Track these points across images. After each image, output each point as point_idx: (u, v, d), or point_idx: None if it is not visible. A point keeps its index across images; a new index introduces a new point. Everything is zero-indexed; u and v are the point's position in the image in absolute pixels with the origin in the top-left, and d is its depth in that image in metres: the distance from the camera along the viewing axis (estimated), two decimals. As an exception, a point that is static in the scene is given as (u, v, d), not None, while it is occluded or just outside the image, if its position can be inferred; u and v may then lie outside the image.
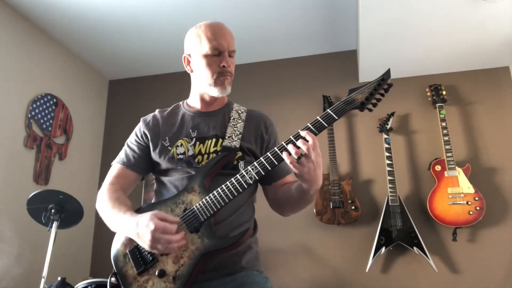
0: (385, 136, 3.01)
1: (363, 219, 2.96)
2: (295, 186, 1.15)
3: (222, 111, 1.35)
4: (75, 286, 2.15)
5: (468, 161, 2.93)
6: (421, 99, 3.21)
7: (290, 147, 1.03)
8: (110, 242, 1.25)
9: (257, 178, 1.08)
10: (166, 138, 1.29)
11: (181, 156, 1.25)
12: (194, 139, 1.27)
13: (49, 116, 3.18)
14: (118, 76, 3.99)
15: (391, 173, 2.88)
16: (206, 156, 1.24)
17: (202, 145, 1.26)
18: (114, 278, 1.18)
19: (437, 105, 3.00)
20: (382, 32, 2.69)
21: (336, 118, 1.07)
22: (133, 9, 2.93)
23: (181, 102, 1.43)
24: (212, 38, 1.23)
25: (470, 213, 2.68)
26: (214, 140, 1.26)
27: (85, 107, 3.65)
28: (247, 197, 1.27)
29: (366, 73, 3.22)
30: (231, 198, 1.09)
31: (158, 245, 1.03)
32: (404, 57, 3.02)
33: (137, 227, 1.07)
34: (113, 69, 3.84)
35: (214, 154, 1.23)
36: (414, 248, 2.69)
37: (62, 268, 2.91)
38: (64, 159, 3.30)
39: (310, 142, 1.02)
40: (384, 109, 3.12)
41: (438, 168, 2.86)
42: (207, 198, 1.11)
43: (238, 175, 1.10)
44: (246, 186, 1.09)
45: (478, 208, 2.68)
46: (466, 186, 2.74)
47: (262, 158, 1.09)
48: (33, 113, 3.02)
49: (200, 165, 1.23)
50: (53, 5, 2.87)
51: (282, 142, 1.07)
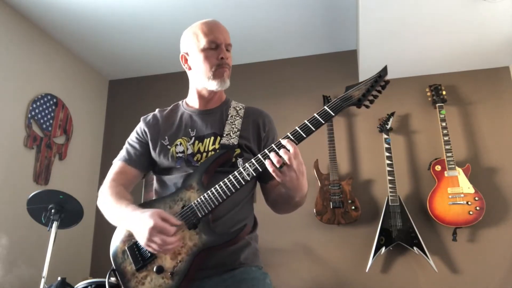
0: (385, 136, 3.01)
1: (363, 219, 2.96)
2: (284, 190, 1.16)
3: (220, 109, 1.36)
4: (75, 286, 2.15)
5: (468, 161, 2.93)
6: (421, 99, 3.21)
7: (272, 155, 1.03)
8: (110, 242, 1.25)
9: (254, 175, 1.08)
10: (166, 137, 1.31)
11: (180, 154, 1.26)
12: (193, 138, 1.28)
13: (49, 116, 3.18)
14: (118, 76, 3.99)
15: (391, 173, 2.88)
16: (205, 154, 1.25)
17: (201, 143, 1.27)
18: (113, 277, 1.19)
19: (437, 105, 3.00)
20: (382, 32, 2.69)
21: (332, 114, 1.08)
22: (133, 9, 2.93)
23: (180, 102, 1.44)
24: (208, 33, 1.26)
25: (470, 213, 2.68)
26: (212, 138, 1.27)
27: (85, 107, 3.65)
28: (246, 194, 1.27)
29: (366, 73, 3.21)
30: (229, 194, 1.10)
31: (153, 244, 1.03)
32: (404, 57, 3.02)
33: (138, 221, 1.07)
34: (113, 69, 3.84)
35: (213, 152, 1.24)
36: (414, 248, 2.69)
37: (62, 268, 2.91)
38: (64, 159, 3.30)
39: (291, 151, 1.02)
40: (384, 109, 3.12)
41: (438, 168, 2.86)
42: (205, 195, 1.12)
43: (236, 172, 1.10)
44: (244, 183, 1.09)
45: (478, 208, 2.68)
46: (466, 186, 2.74)
47: (260, 155, 1.09)
48: (33, 113, 3.02)
49: (199, 163, 1.24)
50: (53, 5, 2.87)
51: (265, 150, 1.08)
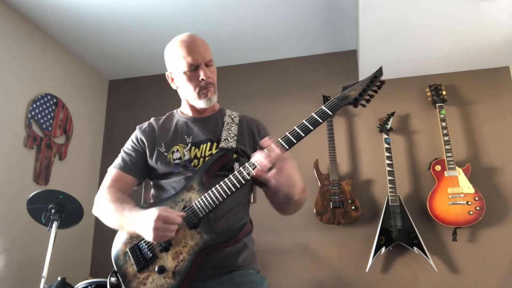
0: (385, 136, 3.01)
1: (363, 219, 2.96)
2: (282, 192, 1.16)
3: (215, 117, 1.38)
4: (75, 286, 2.15)
5: (468, 161, 2.93)
6: (421, 99, 3.21)
7: (258, 162, 1.05)
8: (110, 242, 1.25)
9: (254, 174, 1.09)
10: (162, 145, 1.32)
11: (177, 161, 1.28)
12: (189, 144, 1.30)
13: (49, 116, 3.18)
14: (118, 76, 3.99)
15: (391, 173, 2.88)
16: (202, 159, 1.26)
17: (197, 149, 1.29)
18: (114, 278, 1.19)
19: (437, 105, 3.00)
20: (382, 32, 2.69)
21: (330, 113, 1.10)
22: (133, 9, 2.93)
23: (174, 110, 1.46)
24: (186, 55, 1.25)
25: (470, 213, 2.68)
26: (209, 144, 1.29)
27: (85, 107, 3.65)
28: (242, 197, 1.29)
29: (366, 73, 3.20)
30: (229, 194, 1.11)
31: (158, 231, 1.05)
32: (404, 57, 3.02)
33: (142, 217, 1.09)
34: (113, 69, 3.84)
35: (210, 157, 1.25)
36: (414, 248, 2.69)
37: (62, 268, 2.91)
38: (64, 159, 3.30)
39: (274, 155, 1.04)
40: (384, 109, 3.12)
41: (438, 168, 2.86)
42: (206, 195, 1.13)
43: (236, 172, 1.12)
44: (243, 182, 1.10)
45: (478, 208, 2.68)
46: (466, 186, 2.74)
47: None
48: (33, 113, 3.02)
49: (196, 168, 1.25)
50: (53, 5, 2.87)
51: (251, 160, 1.09)
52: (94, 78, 3.84)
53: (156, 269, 1.12)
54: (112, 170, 1.34)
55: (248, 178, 1.10)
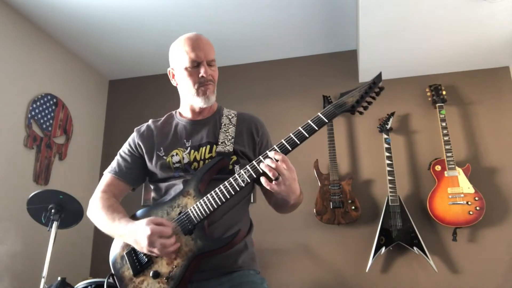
0: (385, 136, 3.01)
1: (363, 219, 2.96)
2: (280, 197, 1.17)
3: (213, 118, 1.37)
4: (75, 286, 2.15)
5: (468, 161, 2.93)
6: (421, 99, 3.21)
7: (267, 170, 1.05)
8: (110, 242, 1.27)
9: (249, 181, 1.10)
10: (161, 149, 1.32)
11: (177, 164, 1.28)
12: (189, 148, 1.30)
13: (49, 116, 3.18)
14: (118, 76, 3.99)
15: (391, 173, 2.88)
16: (202, 162, 1.27)
17: (196, 152, 1.28)
18: (111, 279, 1.21)
19: (437, 105, 3.00)
20: (382, 32, 2.69)
21: (326, 121, 1.10)
22: (133, 9, 2.93)
23: (173, 112, 1.45)
24: (189, 51, 1.27)
25: (470, 213, 2.68)
26: (208, 147, 1.29)
27: (85, 107, 3.65)
28: (241, 198, 1.29)
29: (366, 73, 3.21)
30: (224, 200, 1.12)
31: (155, 249, 1.08)
32: (404, 57, 3.02)
33: (134, 234, 1.11)
34: (113, 69, 3.84)
35: (210, 160, 1.26)
36: (414, 248, 2.69)
37: (62, 268, 2.91)
38: (64, 159, 3.30)
39: (280, 161, 1.05)
40: (384, 109, 3.12)
41: (438, 168, 2.86)
42: (201, 201, 1.14)
43: (231, 178, 1.12)
44: (238, 189, 1.11)
45: (478, 208, 2.68)
46: (466, 186, 2.74)
47: (254, 162, 1.10)
48: (33, 113, 3.02)
49: (195, 172, 1.25)
50: (53, 5, 2.87)
51: (260, 157, 1.10)
52: (94, 78, 3.84)
53: (151, 273, 1.13)
54: (107, 175, 1.35)
55: (243, 185, 1.10)
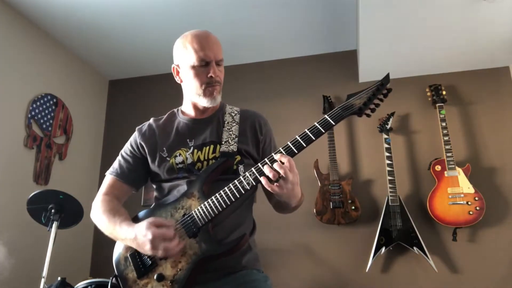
0: (385, 136, 3.01)
1: (363, 219, 2.96)
2: (281, 200, 1.16)
3: (216, 116, 1.35)
4: (75, 286, 2.15)
5: (468, 161, 2.93)
6: (421, 99, 3.21)
7: (267, 171, 1.04)
8: (110, 242, 1.26)
9: (254, 184, 1.09)
10: (164, 149, 1.29)
11: (180, 165, 1.25)
12: (192, 148, 1.27)
13: (49, 116, 3.18)
14: (118, 76, 3.98)
15: (391, 173, 2.88)
16: (205, 162, 1.24)
17: (200, 152, 1.26)
18: (115, 280, 1.20)
19: (437, 105, 3.00)
20: (382, 32, 2.69)
21: (333, 124, 1.09)
22: (133, 9, 2.92)
23: (175, 110, 1.42)
24: (198, 49, 1.22)
25: (470, 213, 2.68)
26: (212, 146, 1.26)
27: (85, 107, 3.65)
28: (245, 199, 1.27)
29: (366, 73, 3.21)
30: (229, 203, 1.10)
31: (159, 251, 1.06)
32: (404, 57, 3.02)
33: (136, 238, 1.10)
34: (113, 69, 3.84)
35: (213, 160, 1.24)
36: (414, 248, 2.69)
37: (62, 268, 2.91)
38: (64, 159, 3.29)
39: (286, 164, 1.03)
40: (384, 109, 3.10)
41: (438, 168, 2.86)
42: (206, 203, 1.12)
43: (236, 181, 1.11)
44: (243, 192, 1.10)
45: (478, 208, 2.68)
46: (466, 186, 2.74)
47: (260, 164, 1.09)
48: (33, 113, 3.02)
49: (200, 171, 1.23)
50: (53, 5, 2.87)
51: (266, 159, 1.08)
52: (94, 78, 3.84)
53: (155, 276, 1.12)
54: (108, 177, 1.33)
55: (248, 188, 1.09)
